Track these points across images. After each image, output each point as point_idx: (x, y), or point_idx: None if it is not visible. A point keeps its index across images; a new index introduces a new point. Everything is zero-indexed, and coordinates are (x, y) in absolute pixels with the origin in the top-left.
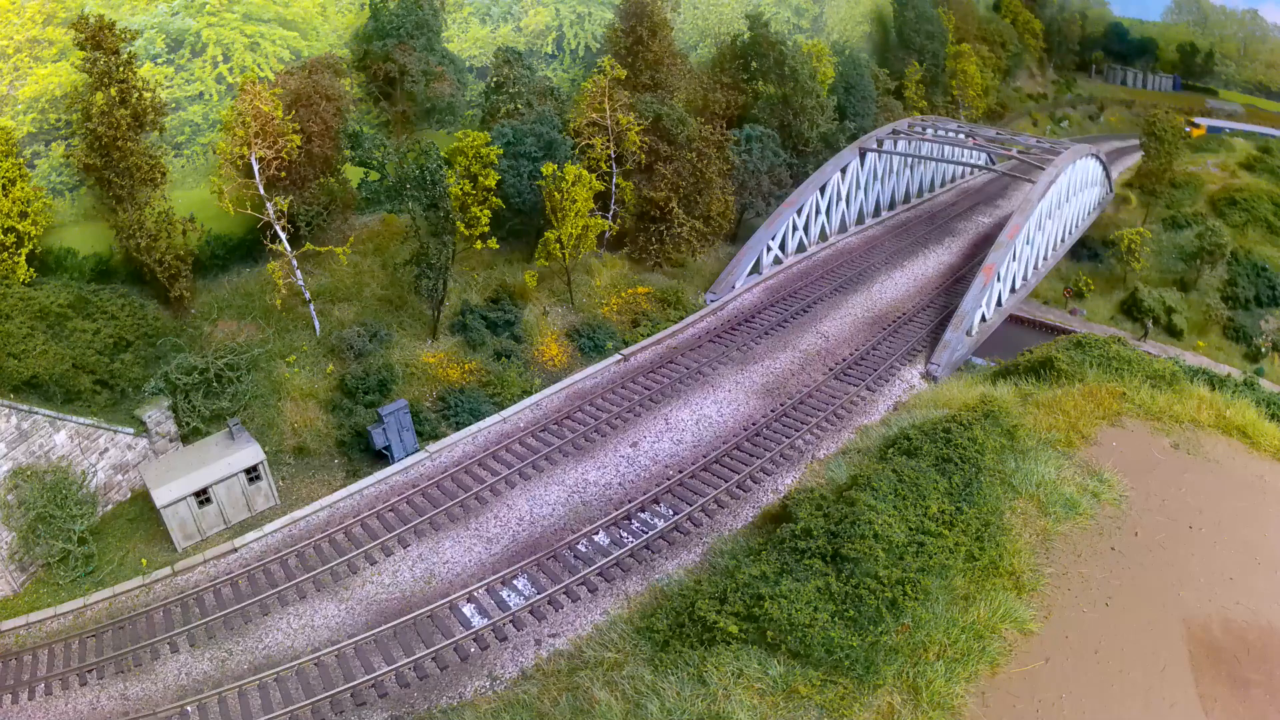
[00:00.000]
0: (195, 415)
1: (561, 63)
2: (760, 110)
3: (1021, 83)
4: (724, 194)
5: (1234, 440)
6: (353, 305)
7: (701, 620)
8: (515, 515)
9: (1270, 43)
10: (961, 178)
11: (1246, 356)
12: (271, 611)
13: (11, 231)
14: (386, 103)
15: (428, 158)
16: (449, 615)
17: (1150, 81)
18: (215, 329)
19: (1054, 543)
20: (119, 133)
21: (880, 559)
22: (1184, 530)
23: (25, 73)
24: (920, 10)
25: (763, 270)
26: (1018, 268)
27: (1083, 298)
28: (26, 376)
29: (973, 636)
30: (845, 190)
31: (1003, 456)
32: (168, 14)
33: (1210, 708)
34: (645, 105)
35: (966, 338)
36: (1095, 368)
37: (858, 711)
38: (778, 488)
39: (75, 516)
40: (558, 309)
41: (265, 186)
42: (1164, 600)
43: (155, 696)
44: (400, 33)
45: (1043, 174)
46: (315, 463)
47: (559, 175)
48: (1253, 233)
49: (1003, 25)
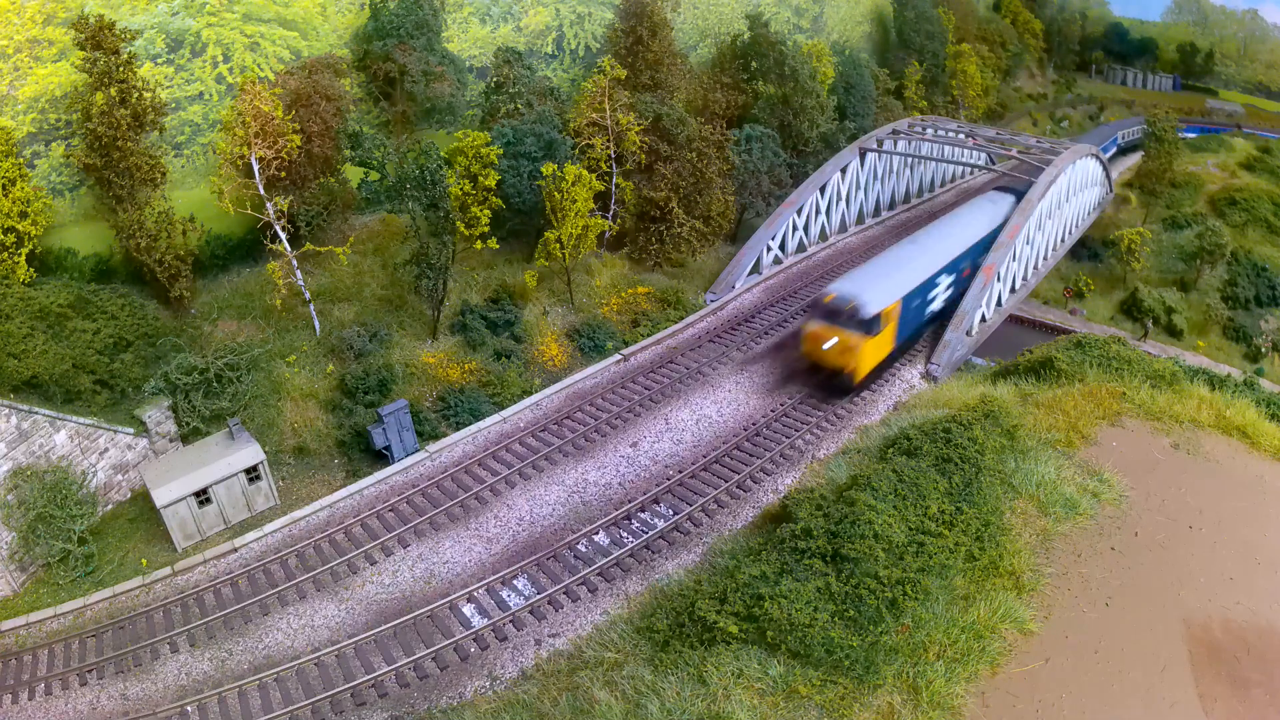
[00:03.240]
0: (195, 415)
1: (561, 63)
2: (760, 110)
3: (1021, 83)
4: (724, 194)
5: (1234, 440)
6: (353, 305)
7: (701, 620)
8: (515, 515)
9: (1270, 43)
10: (961, 178)
11: (1246, 356)
12: (271, 611)
13: (11, 231)
14: (386, 103)
15: (428, 158)
16: (449, 615)
17: (1150, 81)
18: (215, 329)
19: (1054, 543)
20: (119, 133)
21: (880, 559)
22: (1184, 530)
23: (25, 73)
24: (920, 10)
25: (763, 270)
26: (1018, 268)
27: (1083, 298)
28: (26, 376)
29: (973, 636)
30: (845, 190)
31: (1003, 456)
32: (168, 14)
33: (1210, 708)
34: (645, 105)
35: (966, 338)
36: (1095, 368)
37: (858, 711)
38: (778, 488)
39: (75, 516)
40: (558, 309)
41: (265, 186)
42: (1164, 600)
43: (155, 696)
44: (400, 33)
45: (1043, 174)
46: (315, 463)
47: (559, 175)
48: (1253, 233)
49: (1003, 25)
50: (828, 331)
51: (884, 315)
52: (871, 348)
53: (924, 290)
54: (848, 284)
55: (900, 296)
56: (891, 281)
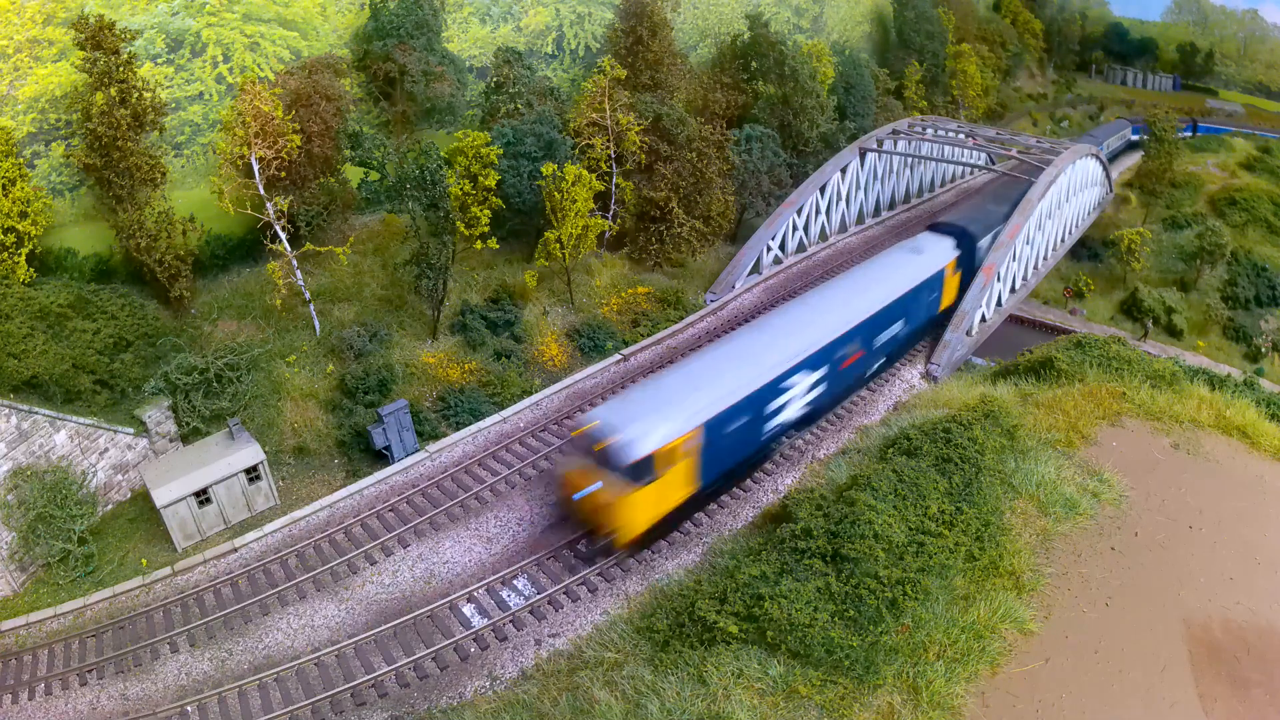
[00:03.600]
0: (195, 415)
1: (561, 63)
2: (760, 110)
3: (1021, 83)
4: (724, 194)
5: (1234, 440)
6: (353, 305)
7: (701, 620)
8: (515, 515)
9: (1270, 43)
10: (961, 178)
11: (1246, 356)
12: (271, 611)
13: (11, 231)
14: (386, 103)
15: (428, 158)
16: (449, 615)
17: (1150, 81)
18: (215, 329)
19: (1054, 543)
20: (119, 133)
21: (880, 559)
22: (1184, 530)
23: (25, 73)
24: (920, 10)
25: (763, 270)
26: (1018, 268)
27: (1083, 298)
28: (26, 376)
29: (973, 636)
30: (845, 190)
31: (1003, 456)
32: (168, 14)
33: (1210, 707)
34: (645, 105)
35: (966, 338)
36: (1095, 368)
37: (858, 711)
38: (778, 488)
39: (75, 516)
40: (558, 309)
41: (265, 186)
42: (1164, 600)
43: (155, 696)
44: (400, 33)
45: (1043, 174)
46: (315, 463)
47: (559, 175)
48: (1253, 233)
49: (1003, 25)
50: (582, 477)
51: (664, 455)
52: (643, 501)
53: (760, 401)
54: (617, 407)
55: (703, 421)
56: (691, 401)
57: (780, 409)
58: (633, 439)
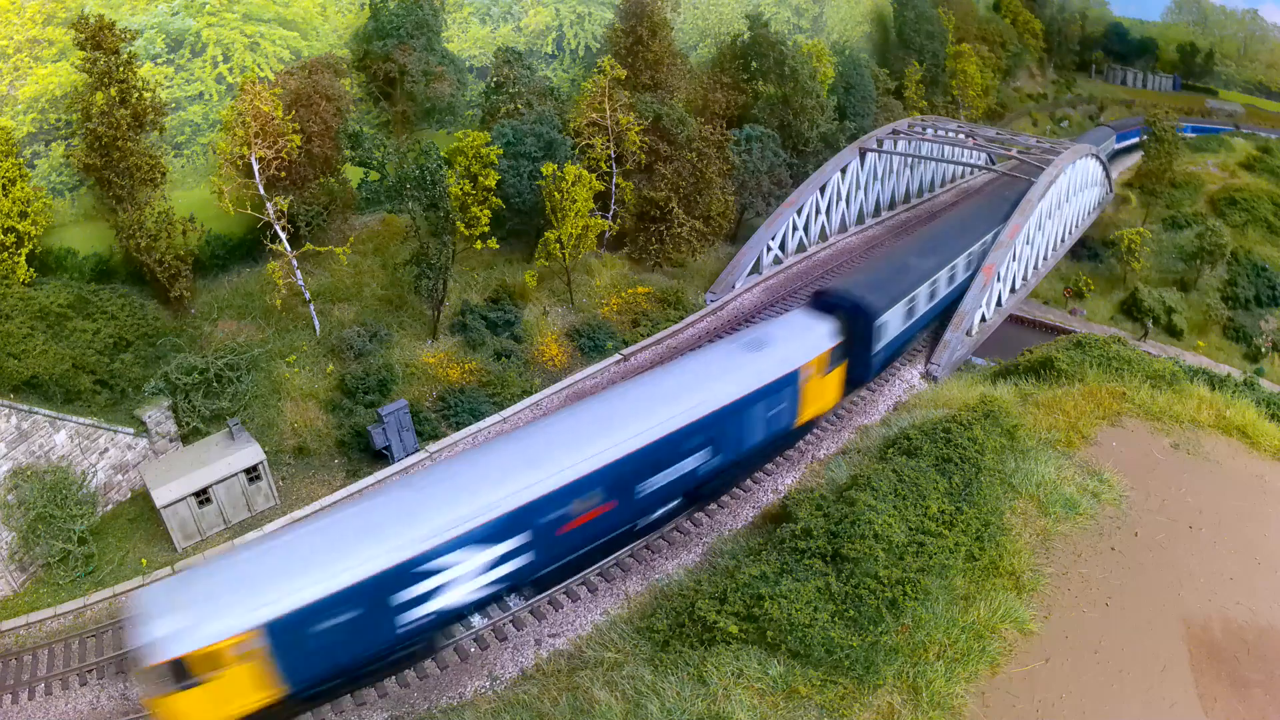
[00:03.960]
0: (195, 415)
1: (561, 63)
2: (760, 110)
3: (1021, 83)
4: (724, 194)
5: (1234, 440)
6: (353, 305)
7: (701, 620)
8: None
9: (1270, 43)
10: (961, 177)
11: (1246, 356)
12: None
13: (11, 231)
14: (386, 103)
15: (428, 158)
16: None
17: (1150, 81)
18: (215, 329)
19: (1054, 543)
20: (119, 133)
21: (880, 559)
22: (1184, 530)
23: (25, 73)
24: (920, 10)
25: (763, 270)
26: (1018, 268)
27: (1083, 298)
28: (26, 376)
29: (973, 636)
30: (845, 190)
31: (1003, 456)
32: (168, 14)
33: (1210, 707)
34: (645, 105)
35: (966, 338)
36: (1095, 368)
37: (858, 711)
38: (778, 488)
39: (75, 516)
40: (558, 309)
41: (265, 186)
42: (1164, 600)
43: None
44: (400, 33)
45: (1043, 174)
46: (315, 463)
47: (559, 175)
48: (1253, 233)
49: (1003, 25)
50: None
51: (204, 659)
52: (187, 707)
53: (380, 589)
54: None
55: (265, 622)
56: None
57: (431, 594)
58: (166, 634)
